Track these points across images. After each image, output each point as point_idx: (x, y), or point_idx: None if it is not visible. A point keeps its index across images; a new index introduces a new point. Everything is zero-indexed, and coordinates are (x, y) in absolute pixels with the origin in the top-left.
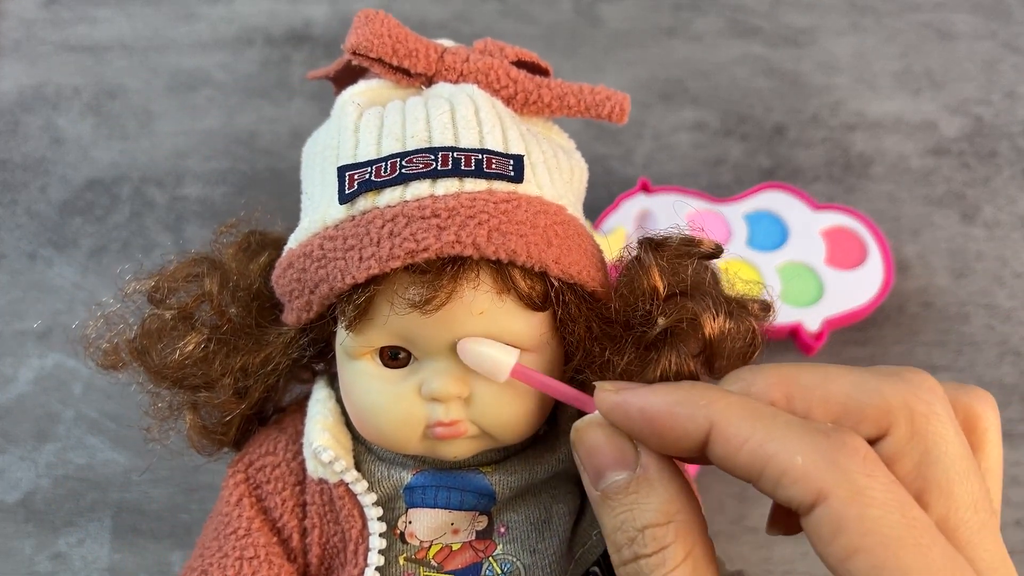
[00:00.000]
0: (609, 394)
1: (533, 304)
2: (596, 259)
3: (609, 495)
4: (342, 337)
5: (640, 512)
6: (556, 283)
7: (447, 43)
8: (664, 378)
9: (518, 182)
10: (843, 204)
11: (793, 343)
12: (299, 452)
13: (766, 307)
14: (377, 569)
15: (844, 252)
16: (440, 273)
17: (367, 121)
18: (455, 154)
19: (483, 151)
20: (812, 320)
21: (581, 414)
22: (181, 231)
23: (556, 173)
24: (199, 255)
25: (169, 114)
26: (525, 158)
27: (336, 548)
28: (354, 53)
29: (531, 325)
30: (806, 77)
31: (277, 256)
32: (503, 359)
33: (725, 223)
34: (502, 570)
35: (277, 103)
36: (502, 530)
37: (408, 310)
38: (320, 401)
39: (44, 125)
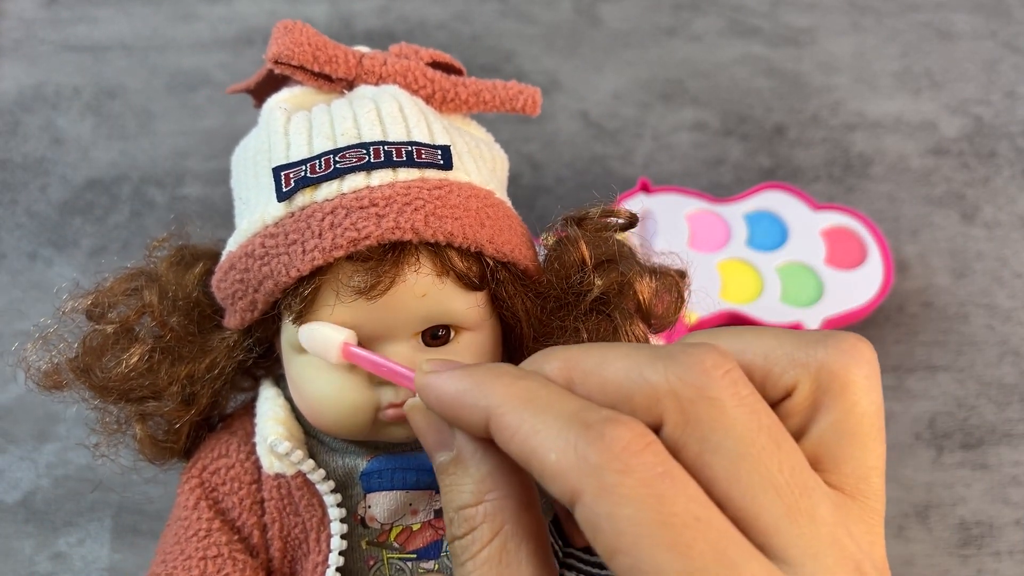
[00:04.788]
0: (420, 376)
1: (471, 283)
2: (526, 239)
3: (438, 474)
4: (290, 332)
5: (456, 493)
6: (491, 262)
7: (364, 49)
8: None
9: (448, 169)
10: (843, 204)
11: None
12: (252, 452)
13: (681, 273)
14: (340, 554)
15: (844, 252)
16: (382, 259)
17: (296, 124)
18: (385, 147)
19: (412, 143)
20: (812, 320)
21: None
22: (181, 231)
23: (481, 162)
24: (135, 269)
25: (169, 114)
26: (452, 147)
27: (298, 539)
28: (276, 62)
29: (470, 304)
30: (806, 77)
31: (211, 266)
32: (333, 338)
33: (725, 223)
34: None
35: None
36: None
37: (354, 297)
38: (269, 399)
39: (44, 125)
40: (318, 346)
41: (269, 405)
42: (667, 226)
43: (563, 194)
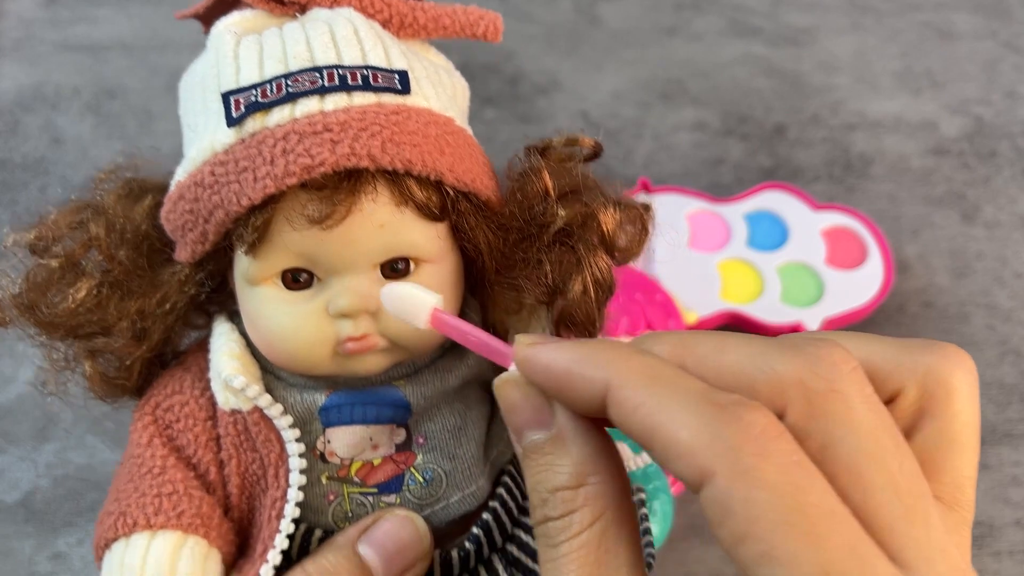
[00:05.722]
0: (522, 348)
1: (431, 214)
2: (487, 168)
3: (528, 454)
4: (243, 264)
5: (553, 474)
6: (451, 192)
7: None
8: (593, 279)
9: (406, 94)
10: (843, 204)
11: None
12: (206, 388)
13: (646, 206)
14: (300, 488)
15: (844, 252)
16: (337, 187)
17: (246, 47)
18: (340, 71)
19: (367, 67)
20: (812, 320)
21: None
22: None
23: (440, 88)
24: (80, 202)
25: (169, 114)
26: (410, 72)
27: (256, 475)
28: None
29: (430, 236)
30: (806, 77)
31: (161, 198)
32: (425, 301)
33: (725, 223)
34: (424, 478)
35: None
36: (420, 440)
37: (308, 227)
38: (223, 334)
39: (44, 125)
40: (404, 308)
41: (223, 340)
42: (667, 226)
43: None
